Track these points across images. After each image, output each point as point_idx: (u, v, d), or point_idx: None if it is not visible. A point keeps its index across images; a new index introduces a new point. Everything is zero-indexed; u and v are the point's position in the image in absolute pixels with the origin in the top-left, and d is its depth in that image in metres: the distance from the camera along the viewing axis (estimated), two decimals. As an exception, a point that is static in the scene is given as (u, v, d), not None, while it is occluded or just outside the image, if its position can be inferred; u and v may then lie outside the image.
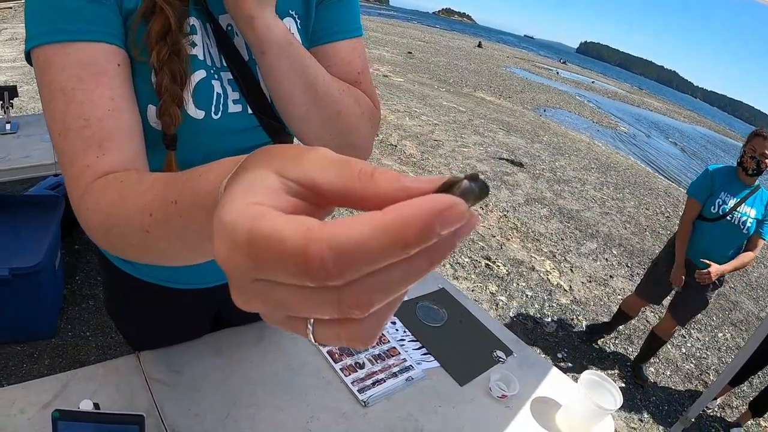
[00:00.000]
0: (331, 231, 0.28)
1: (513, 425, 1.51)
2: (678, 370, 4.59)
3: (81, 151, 0.76)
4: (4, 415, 1.22)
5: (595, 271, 6.06)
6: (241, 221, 0.31)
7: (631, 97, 45.43)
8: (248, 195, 0.33)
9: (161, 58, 0.84)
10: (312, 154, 0.35)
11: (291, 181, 0.34)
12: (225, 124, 0.99)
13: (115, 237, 0.69)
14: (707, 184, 3.70)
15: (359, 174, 0.32)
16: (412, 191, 0.30)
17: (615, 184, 10.27)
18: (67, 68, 0.77)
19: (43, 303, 3.10)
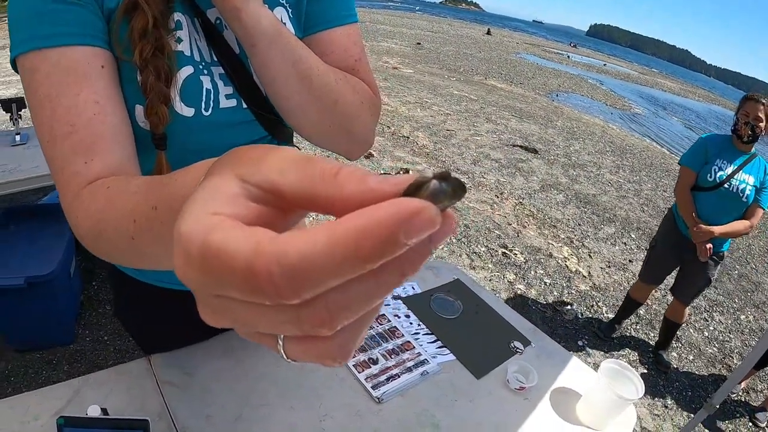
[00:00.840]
0: (281, 245, 0.25)
1: (532, 418, 1.49)
2: (701, 354, 4.54)
3: (69, 157, 0.75)
4: (18, 422, 1.23)
5: (614, 256, 6.01)
6: (195, 233, 0.29)
7: (644, 78, 45.06)
8: (207, 204, 0.31)
9: (144, 55, 0.83)
10: (273, 155, 0.33)
11: (252, 185, 0.32)
12: (217, 120, 0.97)
13: (104, 243, 0.69)
14: (701, 152, 3.64)
15: (321, 174, 0.30)
16: (377, 194, 0.28)
17: (631, 167, 10.18)
18: (51, 75, 0.76)
19: (59, 310, 3.12)
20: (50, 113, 0.76)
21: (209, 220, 0.29)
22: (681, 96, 36.80)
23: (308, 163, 0.31)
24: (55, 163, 0.77)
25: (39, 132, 0.78)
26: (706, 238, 3.56)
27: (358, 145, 1.09)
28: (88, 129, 0.77)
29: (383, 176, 0.29)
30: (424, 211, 0.25)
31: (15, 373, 3.03)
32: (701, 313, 5.19)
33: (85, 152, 0.76)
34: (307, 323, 0.28)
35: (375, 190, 0.28)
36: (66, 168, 0.76)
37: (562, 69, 30.30)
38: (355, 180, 0.29)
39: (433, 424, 1.40)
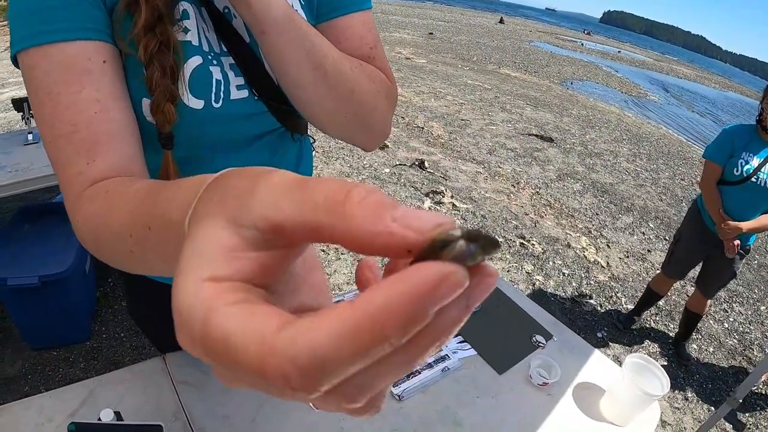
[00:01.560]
0: (290, 342, 0.23)
1: (555, 414, 1.46)
2: (721, 346, 4.47)
3: (71, 157, 0.73)
4: (33, 424, 1.22)
5: (633, 246, 5.94)
6: (195, 313, 0.26)
7: (659, 65, 44.64)
8: (200, 266, 0.28)
9: (149, 51, 0.79)
10: (262, 186, 0.30)
11: (248, 227, 0.29)
12: (228, 112, 0.93)
13: (104, 250, 0.67)
14: (726, 145, 3.43)
15: (326, 204, 0.26)
16: (396, 239, 0.25)
17: (648, 155, 10.08)
18: (52, 72, 0.73)
19: (75, 307, 3.13)
20: (51, 112, 0.73)
21: (204, 293, 0.27)
22: (697, 82, 36.44)
23: (305, 189, 0.28)
24: (58, 162, 0.75)
25: (41, 130, 0.76)
26: (734, 234, 3.45)
27: (375, 135, 1.05)
28: (90, 128, 0.74)
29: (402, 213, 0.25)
30: (450, 277, 0.22)
31: (32, 371, 3.05)
32: (721, 304, 5.11)
33: (87, 152, 0.73)
34: (333, 404, 0.26)
35: (395, 235, 0.25)
36: (68, 168, 0.74)
37: (576, 57, 30.10)
38: (370, 215, 0.25)
39: (455, 421, 1.38)
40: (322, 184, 0.27)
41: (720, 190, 3.49)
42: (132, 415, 1.24)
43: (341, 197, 0.26)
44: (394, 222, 0.25)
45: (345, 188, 0.26)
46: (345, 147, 6.93)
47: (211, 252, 0.29)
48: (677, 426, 3.47)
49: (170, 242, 0.45)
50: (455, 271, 0.22)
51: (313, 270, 0.37)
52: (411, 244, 0.24)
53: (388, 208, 0.25)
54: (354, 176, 6.12)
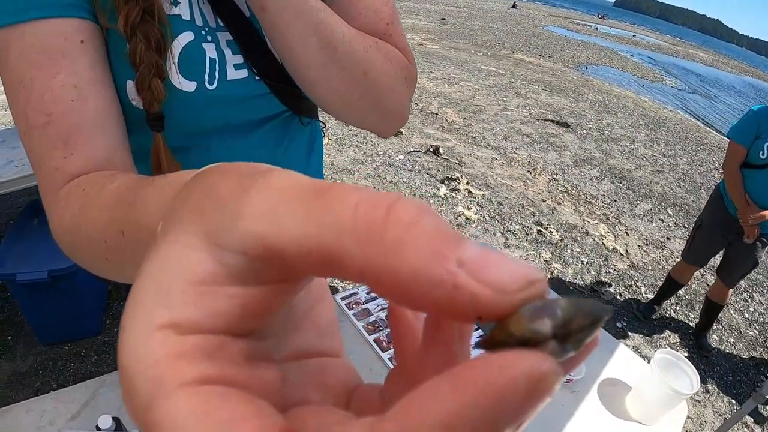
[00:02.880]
0: None
1: (580, 411, 1.41)
2: (742, 336, 4.41)
3: (47, 151, 0.66)
4: (34, 427, 1.20)
5: (651, 234, 5.87)
6: (139, 384, 0.18)
7: (675, 49, 44.32)
8: (157, 305, 0.19)
9: (131, 20, 0.70)
10: (255, 192, 0.20)
11: (231, 251, 0.20)
12: (225, 94, 0.84)
13: (81, 257, 0.61)
14: (752, 126, 3.29)
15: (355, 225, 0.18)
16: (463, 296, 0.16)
17: (665, 141, 9.97)
18: (25, 54, 0.66)
19: (85, 302, 3.12)
20: (25, 100, 0.66)
21: (155, 353, 0.18)
22: (713, 67, 36.15)
23: (322, 199, 0.19)
24: (33, 156, 0.68)
25: (15, 120, 0.69)
26: (758, 221, 3.34)
27: (392, 121, 0.95)
28: (66, 118, 0.66)
29: (472, 254, 0.17)
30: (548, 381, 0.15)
31: (43, 366, 3.04)
32: (741, 293, 5.04)
33: (64, 146, 0.66)
34: None
35: (462, 289, 0.16)
36: (44, 163, 0.67)
37: (591, 41, 29.91)
38: (425, 251, 0.17)
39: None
40: (349, 194, 0.18)
41: (744, 173, 3.38)
42: (131, 421, 1.20)
43: (380, 215, 0.17)
44: (461, 268, 0.17)
45: (385, 201, 0.18)
46: (358, 133, 6.85)
47: (174, 284, 0.19)
48: (698, 419, 3.42)
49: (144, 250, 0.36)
50: (555, 373, 0.16)
51: (320, 303, 0.28)
52: (485, 309, 0.17)
53: (453, 244, 0.17)
54: (367, 163, 6.07)
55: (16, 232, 3.08)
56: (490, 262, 0.17)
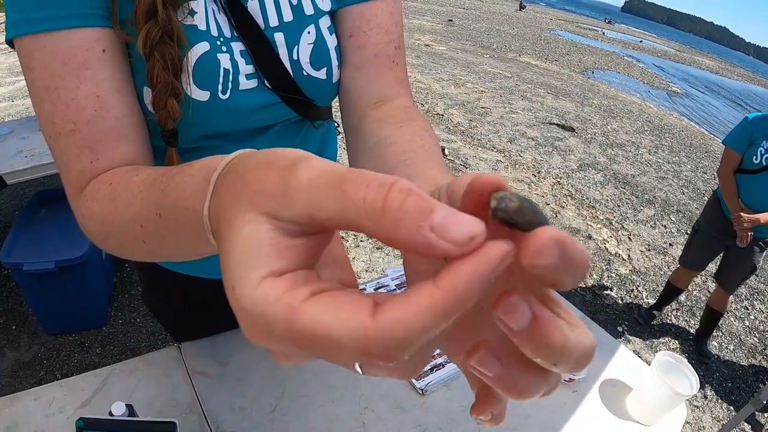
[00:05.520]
0: (390, 327, 0.25)
1: (581, 411, 1.42)
2: (741, 344, 4.41)
3: (73, 156, 0.70)
4: (43, 414, 1.20)
5: (654, 239, 5.86)
6: (273, 313, 0.27)
7: (682, 56, 44.25)
8: (255, 266, 0.29)
9: (150, 41, 0.72)
10: (299, 182, 0.30)
11: (287, 222, 0.30)
12: (236, 104, 0.86)
13: (113, 245, 0.65)
14: (746, 133, 3.37)
15: (366, 207, 0.27)
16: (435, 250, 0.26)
17: (670, 147, 9.95)
18: (48, 65, 0.68)
19: (91, 293, 3.14)
20: (50, 108, 0.69)
21: (273, 292, 0.28)
22: (720, 74, 36.05)
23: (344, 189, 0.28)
24: (60, 159, 0.72)
25: (41, 123, 0.71)
26: (751, 226, 3.38)
27: None
28: (91, 127, 0.69)
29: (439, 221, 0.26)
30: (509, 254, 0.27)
31: (48, 356, 3.06)
32: (742, 301, 5.03)
33: (90, 152, 0.70)
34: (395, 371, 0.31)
35: (434, 247, 0.26)
36: (71, 167, 0.71)
37: (597, 46, 29.86)
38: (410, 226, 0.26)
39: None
40: (361, 186, 0.27)
41: (738, 178, 3.44)
42: (145, 406, 1.21)
43: (379, 204, 0.26)
44: (432, 233, 0.26)
45: (382, 191, 0.27)
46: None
47: (259, 249, 0.29)
48: (696, 424, 3.43)
49: (182, 229, 0.48)
50: (508, 248, 0.27)
51: (335, 244, 0.38)
52: (449, 255, 0.26)
53: (426, 216, 0.26)
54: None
55: (23, 222, 3.10)
56: (449, 226, 0.26)
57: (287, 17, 0.87)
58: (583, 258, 0.28)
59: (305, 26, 0.88)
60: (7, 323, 3.28)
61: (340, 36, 0.92)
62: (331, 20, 0.92)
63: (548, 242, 0.26)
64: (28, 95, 5.49)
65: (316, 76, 0.91)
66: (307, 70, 0.90)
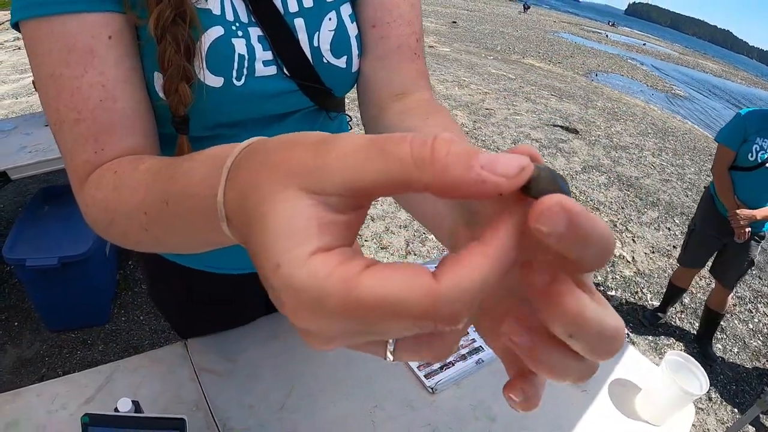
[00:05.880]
0: (455, 288, 0.26)
1: (591, 411, 1.41)
2: (745, 347, 4.39)
3: (78, 145, 0.68)
4: (45, 411, 1.17)
5: (658, 241, 5.85)
6: (326, 285, 0.27)
7: (685, 59, 44.27)
8: (301, 242, 0.29)
9: (162, 22, 0.70)
10: (335, 154, 0.30)
11: (330, 196, 0.30)
12: (251, 91, 0.84)
13: (116, 233, 0.64)
14: (740, 129, 3.36)
15: (414, 160, 0.28)
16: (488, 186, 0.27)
17: (674, 150, 9.93)
18: (54, 51, 0.66)
19: (94, 290, 3.14)
20: (55, 95, 0.67)
21: (326, 266, 0.28)
22: (723, 78, 36.03)
23: (385, 150, 0.28)
24: (64, 148, 0.70)
25: (45, 111, 0.70)
26: (747, 222, 3.38)
27: None
28: (96, 117, 0.68)
29: (487, 159, 0.27)
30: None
31: (50, 353, 3.06)
32: (746, 304, 5.03)
33: (94, 141, 0.68)
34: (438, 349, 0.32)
35: (487, 182, 0.27)
36: (75, 156, 0.69)
37: (601, 48, 29.89)
38: (462, 167, 0.27)
39: (489, 417, 1.33)
40: (402, 143, 0.28)
41: (733, 175, 3.44)
42: (150, 403, 1.19)
43: (428, 153, 0.27)
44: (483, 170, 0.27)
45: (427, 144, 0.28)
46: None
47: (303, 225, 0.29)
48: (701, 427, 3.42)
49: (191, 216, 0.47)
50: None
51: None
52: (502, 189, 0.27)
53: (474, 157, 0.27)
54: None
55: (26, 218, 3.10)
56: (498, 163, 0.27)
57: (307, 3, 0.85)
58: (600, 231, 0.28)
59: (326, 12, 0.87)
60: (9, 319, 3.28)
61: (361, 25, 0.91)
62: (352, 8, 0.91)
63: (553, 207, 0.27)
64: (32, 93, 5.53)
65: (336, 64, 0.90)
66: (327, 57, 0.89)
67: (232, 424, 1.20)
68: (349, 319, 0.27)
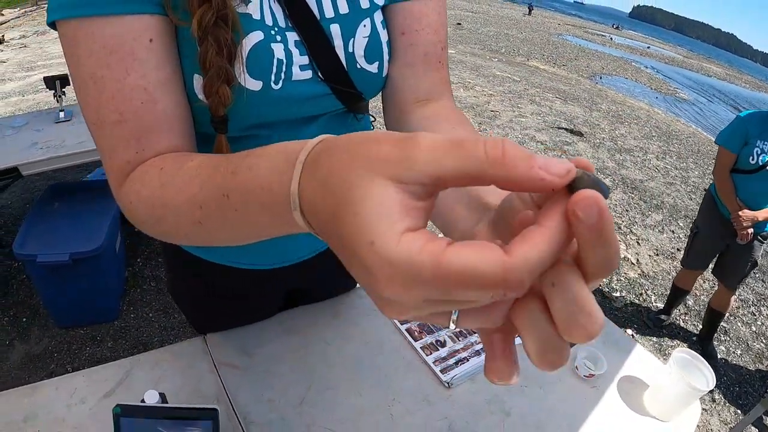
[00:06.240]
0: (524, 260, 0.31)
1: (600, 406, 1.43)
2: (749, 349, 4.39)
3: (119, 145, 0.70)
4: (64, 405, 1.18)
5: (662, 244, 5.85)
6: (419, 259, 0.32)
7: (689, 62, 44.15)
8: (392, 222, 0.34)
9: (204, 24, 0.70)
10: (420, 149, 0.35)
11: (413, 184, 0.35)
12: (288, 94, 0.85)
13: (166, 228, 0.66)
14: (740, 132, 3.34)
15: (488, 158, 0.33)
16: (546, 182, 0.33)
17: (678, 153, 9.91)
18: (94, 52, 0.67)
19: (104, 286, 3.15)
20: (96, 95, 0.68)
21: (416, 243, 0.32)
22: (727, 81, 35.95)
23: (465, 148, 0.34)
24: (104, 147, 0.71)
25: (84, 110, 0.71)
26: (750, 224, 3.37)
27: None
28: (137, 119, 0.69)
29: (543, 161, 0.33)
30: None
31: (58, 349, 3.07)
32: (749, 306, 5.02)
33: (136, 142, 0.70)
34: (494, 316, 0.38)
35: (545, 180, 0.33)
36: (115, 156, 0.70)
37: (605, 51, 29.83)
38: (525, 166, 0.33)
39: (504, 411, 1.35)
40: (479, 144, 0.34)
41: (734, 178, 3.43)
42: (171, 397, 1.19)
43: (500, 153, 0.33)
44: (541, 170, 0.33)
45: (498, 145, 0.33)
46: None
47: (395, 210, 0.34)
48: (704, 427, 3.42)
49: (252, 209, 0.51)
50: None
51: None
52: (555, 186, 0.33)
53: (533, 159, 0.33)
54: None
55: (36, 214, 3.11)
56: (551, 164, 0.33)
57: (343, 9, 0.86)
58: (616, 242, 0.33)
59: (361, 19, 0.88)
60: (17, 315, 3.29)
61: (391, 32, 0.93)
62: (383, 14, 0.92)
63: (590, 199, 0.31)
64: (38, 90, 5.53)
65: (368, 69, 0.91)
66: (360, 63, 0.90)
67: (252, 417, 1.21)
68: (437, 288, 0.32)
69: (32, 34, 11.15)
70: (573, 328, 0.34)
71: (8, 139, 3.22)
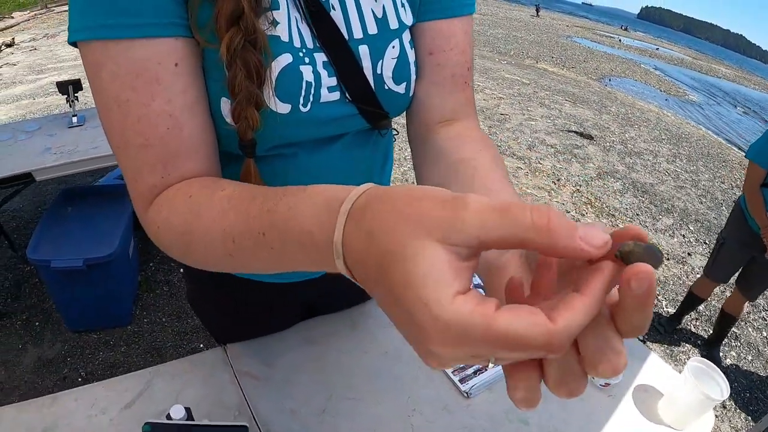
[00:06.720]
0: (566, 328, 0.35)
1: (617, 415, 1.43)
2: (759, 355, 4.36)
3: (144, 169, 0.69)
4: (85, 416, 1.17)
5: (673, 248, 5.82)
6: (472, 321, 0.35)
7: (698, 64, 43.96)
8: (445, 284, 0.37)
9: (233, 48, 0.69)
10: (468, 212, 0.38)
11: (460, 246, 0.38)
12: (316, 116, 0.84)
13: (195, 257, 0.66)
14: None
15: (534, 227, 0.36)
16: (584, 253, 0.37)
17: (688, 156, 9.87)
18: (120, 76, 0.66)
19: (117, 291, 3.16)
20: (121, 119, 0.68)
21: (467, 306, 0.36)
22: (736, 83, 35.79)
23: (511, 214, 0.37)
24: (129, 170, 0.71)
25: (108, 133, 0.70)
26: None
27: None
28: (163, 144, 0.69)
29: (583, 232, 0.37)
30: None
31: (71, 353, 3.08)
32: (760, 312, 4.98)
33: (162, 167, 0.70)
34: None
35: (584, 251, 0.37)
36: (141, 179, 0.70)
37: (614, 53, 29.77)
38: (567, 236, 0.36)
39: (522, 420, 1.35)
40: (525, 211, 0.36)
41: (763, 192, 3.34)
42: (192, 408, 1.18)
43: (545, 222, 0.36)
44: (581, 240, 0.36)
45: (544, 214, 0.36)
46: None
47: (446, 271, 0.37)
48: (715, 434, 3.39)
49: (289, 248, 0.53)
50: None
51: None
52: (593, 256, 0.37)
53: (575, 230, 0.36)
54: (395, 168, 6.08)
55: (49, 219, 3.12)
56: (590, 237, 0.37)
57: (371, 30, 0.85)
58: (651, 311, 0.37)
59: (390, 40, 0.87)
60: (30, 320, 3.30)
61: (418, 50, 0.92)
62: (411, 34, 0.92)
63: (646, 274, 0.34)
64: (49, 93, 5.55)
65: (396, 90, 0.91)
66: (388, 84, 0.89)
67: (275, 428, 1.21)
68: (486, 347, 0.35)
69: (42, 37, 11.21)
70: (599, 363, 0.38)
71: (21, 143, 3.23)
